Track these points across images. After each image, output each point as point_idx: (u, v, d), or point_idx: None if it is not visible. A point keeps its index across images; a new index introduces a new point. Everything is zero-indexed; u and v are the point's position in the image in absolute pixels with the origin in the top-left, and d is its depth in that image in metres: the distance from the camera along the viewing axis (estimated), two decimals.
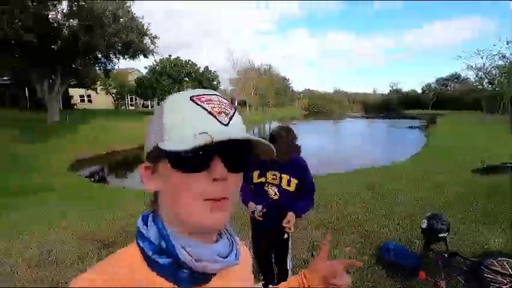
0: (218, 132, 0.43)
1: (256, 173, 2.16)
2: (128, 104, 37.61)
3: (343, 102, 72.25)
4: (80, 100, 32.30)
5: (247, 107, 49.00)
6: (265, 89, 50.28)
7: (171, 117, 0.46)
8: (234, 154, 0.45)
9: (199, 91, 0.48)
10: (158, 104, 38.37)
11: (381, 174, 7.53)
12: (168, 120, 0.45)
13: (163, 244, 0.45)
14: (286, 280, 2.59)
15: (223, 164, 0.44)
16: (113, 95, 33.69)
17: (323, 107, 64.89)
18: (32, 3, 14.55)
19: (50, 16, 15.98)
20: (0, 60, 16.40)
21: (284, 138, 2.00)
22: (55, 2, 15.83)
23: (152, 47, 18.36)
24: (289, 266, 2.31)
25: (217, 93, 0.49)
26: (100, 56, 18.72)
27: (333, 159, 13.31)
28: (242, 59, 51.91)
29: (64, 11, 16.29)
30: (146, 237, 0.47)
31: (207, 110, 0.45)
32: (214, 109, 0.46)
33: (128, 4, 18.03)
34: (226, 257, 0.50)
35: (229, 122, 0.46)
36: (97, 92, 27.98)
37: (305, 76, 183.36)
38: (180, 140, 0.43)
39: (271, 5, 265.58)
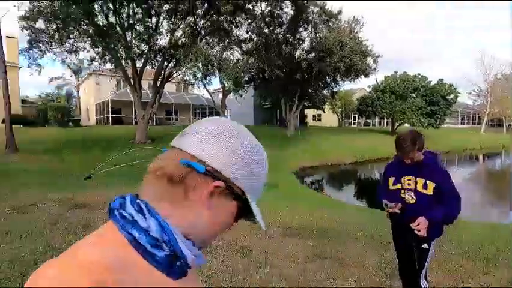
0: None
1: (391, 180, 2.18)
2: (351, 122, 39.88)
3: None
4: (313, 119, 38.45)
5: (504, 127, 36.42)
6: None
7: (261, 169, 0.52)
8: None
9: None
10: (380, 122, 37.78)
11: None
12: (259, 170, 0.52)
13: (165, 237, 0.44)
14: None
15: None
16: (338, 114, 37.02)
17: None
18: (285, 47, 19.62)
19: (296, 54, 20.69)
20: (265, 92, 23.42)
21: (407, 141, 1.98)
22: (300, 42, 20.31)
23: (374, 66, 18.70)
24: (423, 283, 2.06)
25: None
26: (328, 80, 21.62)
27: None
28: (500, 64, 39.48)
29: (305, 48, 20.46)
30: (142, 228, 0.44)
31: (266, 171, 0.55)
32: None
33: (356, 31, 19.60)
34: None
35: None
36: (324, 111, 32.04)
37: None
38: (258, 195, 0.53)
39: None
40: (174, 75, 16.55)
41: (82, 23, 12.00)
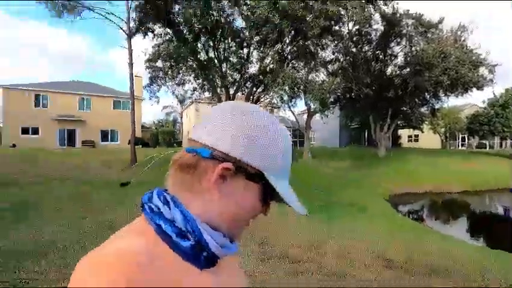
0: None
1: None
2: (459, 143, 33.96)
3: None
4: (408, 140, 34.45)
5: None
6: None
7: (272, 143, 0.48)
8: None
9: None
10: (500, 144, 30.88)
11: None
12: (271, 145, 0.48)
13: (189, 228, 0.45)
14: None
15: None
16: (441, 134, 32.16)
17: None
18: (375, 64, 18.60)
19: (387, 71, 19.32)
20: (352, 112, 22.44)
21: None
22: (392, 58, 18.93)
23: (490, 76, 15.74)
24: None
25: None
26: (427, 96, 19.24)
27: None
28: None
29: (398, 64, 18.92)
30: (168, 219, 0.46)
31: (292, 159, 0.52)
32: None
33: (463, 38, 17.14)
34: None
35: None
36: (422, 131, 28.37)
37: None
38: (281, 173, 0.50)
39: None
40: (262, 99, 17.60)
41: (189, 59, 14.21)
